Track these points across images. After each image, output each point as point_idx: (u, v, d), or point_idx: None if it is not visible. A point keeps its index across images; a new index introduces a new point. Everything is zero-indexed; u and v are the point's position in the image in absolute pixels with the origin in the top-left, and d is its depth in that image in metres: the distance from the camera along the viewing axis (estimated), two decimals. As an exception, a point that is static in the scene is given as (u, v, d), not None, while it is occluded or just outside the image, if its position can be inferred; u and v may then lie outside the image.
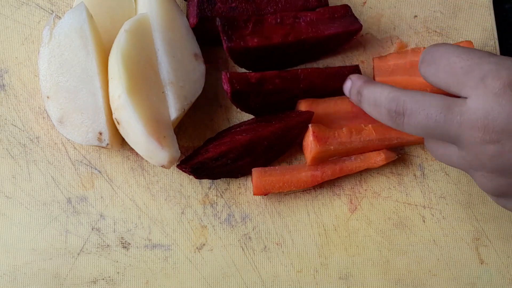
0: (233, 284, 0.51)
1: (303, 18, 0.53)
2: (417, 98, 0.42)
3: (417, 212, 0.53)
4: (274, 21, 0.52)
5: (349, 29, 0.53)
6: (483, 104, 0.38)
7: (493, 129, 0.38)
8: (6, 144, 0.53)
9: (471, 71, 0.40)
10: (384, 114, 0.44)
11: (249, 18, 0.51)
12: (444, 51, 0.42)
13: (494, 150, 0.39)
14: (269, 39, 0.51)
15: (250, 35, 0.51)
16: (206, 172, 0.50)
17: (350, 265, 0.52)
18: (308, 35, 0.52)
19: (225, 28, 0.50)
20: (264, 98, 0.51)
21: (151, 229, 0.51)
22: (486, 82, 0.39)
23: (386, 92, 0.44)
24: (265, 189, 0.51)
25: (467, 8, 0.58)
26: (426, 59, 0.44)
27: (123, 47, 0.47)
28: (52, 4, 0.56)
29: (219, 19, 0.50)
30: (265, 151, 0.51)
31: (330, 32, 0.52)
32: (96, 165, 0.53)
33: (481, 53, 0.41)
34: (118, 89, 0.46)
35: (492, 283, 0.51)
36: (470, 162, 0.41)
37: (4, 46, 0.55)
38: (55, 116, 0.49)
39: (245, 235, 0.52)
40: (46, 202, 0.51)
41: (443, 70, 0.42)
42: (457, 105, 0.40)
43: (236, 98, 0.50)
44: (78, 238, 0.51)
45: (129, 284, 0.50)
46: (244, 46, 0.50)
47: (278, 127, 0.50)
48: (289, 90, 0.51)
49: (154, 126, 0.46)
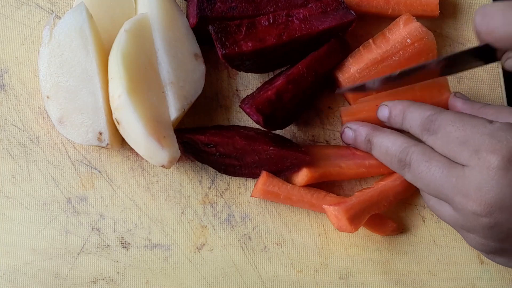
0: (233, 284, 0.51)
1: (296, 15, 0.52)
2: (424, 151, 0.43)
3: (417, 212, 0.53)
4: (267, 22, 0.51)
5: (343, 21, 0.52)
6: (476, 176, 0.39)
7: (485, 202, 0.39)
8: (6, 144, 0.52)
9: (466, 142, 0.40)
10: (395, 163, 0.46)
11: (242, 22, 0.51)
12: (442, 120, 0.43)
13: (487, 221, 0.40)
14: (263, 41, 0.51)
15: (244, 39, 0.50)
16: (193, 151, 0.51)
17: (350, 265, 0.52)
18: (302, 32, 0.51)
19: (218, 35, 0.50)
20: (288, 108, 0.51)
21: (151, 229, 0.51)
22: (480, 155, 0.39)
23: (399, 142, 0.45)
24: (264, 196, 0.51)
25: (467, 8, 0.58)
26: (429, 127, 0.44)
27: (123, 47, 0.47)
28: (52, 4, 0.56)
29: (211, 27, 0.50)
30: (254, 163, 0.51)
31: (324, 27, 0.52)
32: (96, 165, 0.53)
33: (475, 122, 0.41)
34: (118, 89, 0.46)
35: (492, 283, 0.51)
36: (462, 224, 0.42)
37: (4, 46, 0.55)
38: (55, 116, 0.49)
39: (245, 235, 0.52)
40: (46, 202, 0.51)
41: (440, 139, 0.42)
42: (456, 169, 0.41)
43: (268, 121, 0.50)
44: (78, 238, 0.51)
45: (129, 284, 0.50)
46: (238, 51, 0.50)
47: (274, 152, 0.50)
48: (303, 89, 0.51)
49: (154, 126, 0.46)
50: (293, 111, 0.51)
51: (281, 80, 0.50)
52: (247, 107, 0.49)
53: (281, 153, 0.50)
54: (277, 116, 0.50)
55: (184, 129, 0.51)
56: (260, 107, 0.49)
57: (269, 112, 0.49)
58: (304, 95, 0.51)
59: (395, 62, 0.52)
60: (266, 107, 0.49)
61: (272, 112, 0.49)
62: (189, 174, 0.53)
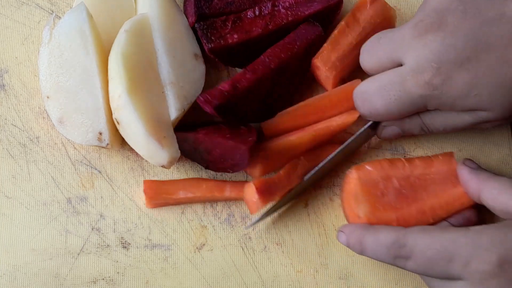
0: (233, 284, 0.51)
1: (282, 4, 0.52)
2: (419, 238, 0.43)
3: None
4: (253, 14, 0.51)
5: (328, 4, 0.52)
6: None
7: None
8: (6, 144, 0.53)
9: (452, 259, 0.40)
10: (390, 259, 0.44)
11: (228, 17, 0.51)
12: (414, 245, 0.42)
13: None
14: (249, 33, 0.50)
15: (230, 32, 0.50)
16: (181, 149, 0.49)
17: (350, 265, 0.52)
18: (288, 19, 0.51)
19: (204, 31, 0.50)
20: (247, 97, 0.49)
21: (151, 229, 0.51)
22: (470, 268, 0.39)
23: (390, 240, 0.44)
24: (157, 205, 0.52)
25: (467, 8, 0.58)
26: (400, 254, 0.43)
27: (123, 47, 0.47)
28: (52, 4, 0.56)
29: (197, 25, 0.50)
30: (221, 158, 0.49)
31: (310, 12, 0.51)
32: (96, 165, 0.53)
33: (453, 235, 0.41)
34: (118, 89, 0.46)
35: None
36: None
37: (4, 46, 0.55)
38: (55, 116, 0.49)
39: (245, 235, 0.52)
40: (46, 202, 0.51)
41: (423, 265, 0.42)
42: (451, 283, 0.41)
43: (221, 111, 0.48)
44: (78, 238, 0.51)
45: (129, 284, 0.50)
46: (224, 44, 0.50)
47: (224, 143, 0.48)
48: (264, 77, 0.50)
49: (154, 126, 0.46)
50: (260, 102, 0.50)
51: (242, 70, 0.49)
52: (198, 99, 0.48)
53: (229, 145, 0.48)
54: (234, 106, 0.48)
55: (180, 126, 0.51)
56: (209, 98, 0.47)
57: (220, 102, 0.47)
58: (272, 84, 0.50)
59: None
60: (216, 97, 0.47)
61: (226, 102, 0.48)
62: (189, 174, 0.53)
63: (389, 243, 0.43)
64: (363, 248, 0.45)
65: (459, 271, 0.40)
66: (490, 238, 0.39)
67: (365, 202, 0.47)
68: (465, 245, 0.40)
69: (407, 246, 0.42)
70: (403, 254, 0.42)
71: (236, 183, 0.52)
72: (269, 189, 0.49)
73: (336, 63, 0.52)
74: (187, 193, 0.51)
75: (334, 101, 0.52)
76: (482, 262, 0.39)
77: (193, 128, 0.50)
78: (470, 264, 0.39)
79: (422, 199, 0.48)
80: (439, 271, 0.41)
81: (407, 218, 0.47)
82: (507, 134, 0.55)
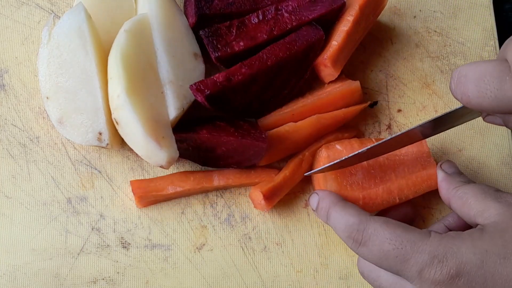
0: (233, 284, 0.51)
1: (285, 8, 0.52)
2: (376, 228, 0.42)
3: (417, 212, 0.53)
4: (257, 19, 0.51)
5: (332, 7, 0.52)
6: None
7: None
8: (6, 144, 0.53)
9: (407, 261, 0.40)
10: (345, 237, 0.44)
11: (232, 23, 0.51)
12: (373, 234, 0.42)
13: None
14: (255, 39, 0.50)
15: (236, 39, 0.50)
16: None
17: (350, 265, 0.52)
18: (292, 24, 0.51)
19: (209, 39, 0.50)
20: (241, 92, 0.49)
21: (151, 229, 0.51)
22: (423, 276, 0.39)
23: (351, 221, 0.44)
24: (147, 204, 0.52)
25: (467, 8, 0.58)
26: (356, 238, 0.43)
27: (123, 47, 0.47)
28: (52, 4, 0.56)
29: (202, 32, 0.50)
30: (224, 155, 0.49)
31: (314, 16, 0.51)
32: (96, 165, 0.53)
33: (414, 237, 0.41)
34: (117, 89, 0.46)
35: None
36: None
37: (4, 46, 0.55)
38: (55, 116, 0.49)
39: (245, 235, 0.52)
40: (46, 202, 0.51)
41: (376, 255, 0.42)
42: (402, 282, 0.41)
43: (212, 102, 0.48)
44: (78, 238, 0.51)
45: (129, 284, 0.50)
46: (231, 52, 0.50)
47: (235, 142, 0.48)
48: (260, 74, 0.50)
49: (153, 126, 0.46)
50: (253, 98, 0.50)
51: None
52: (191, 87, 0.48)
53: (242, 143, 0.48)
54: (226, 98, 0.49)
55: (177, 126, 0.51)
56: (201, 87, 0.47)
57: (211, 91, 0.47)
58: (267, 81, 0.50)
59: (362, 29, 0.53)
60: (208, 86, 0.47)
61: (218, 92, 0.48)
62: (189, 174, 0.53)
63: (349, 223, 0.43)
64: (327, 218, 0.46)
65: (412, 274, 0.40)
66: (447, 249, 0.39)
67: (332, 181, 0.49)
68: (422, 252, 0.40)
69: (366, 233, 0.42)
70: (358, 238, 0.43)
71: (222, 171, 0.52)
72: (275, 194, 0.50)
73: (343, 61, 0.52)
74: (176, 188, 0.51)
75: (331, 100, 0.52)
76: (434, 273, 0.39)
77: (189, 127, 0.50)
78: (423, 271, 0.39)
79: (391, 179, 0.49)
80: (391, 266, 0.41)
81: (373, 197, 0.49)
82: (507, 135, 0.55)
